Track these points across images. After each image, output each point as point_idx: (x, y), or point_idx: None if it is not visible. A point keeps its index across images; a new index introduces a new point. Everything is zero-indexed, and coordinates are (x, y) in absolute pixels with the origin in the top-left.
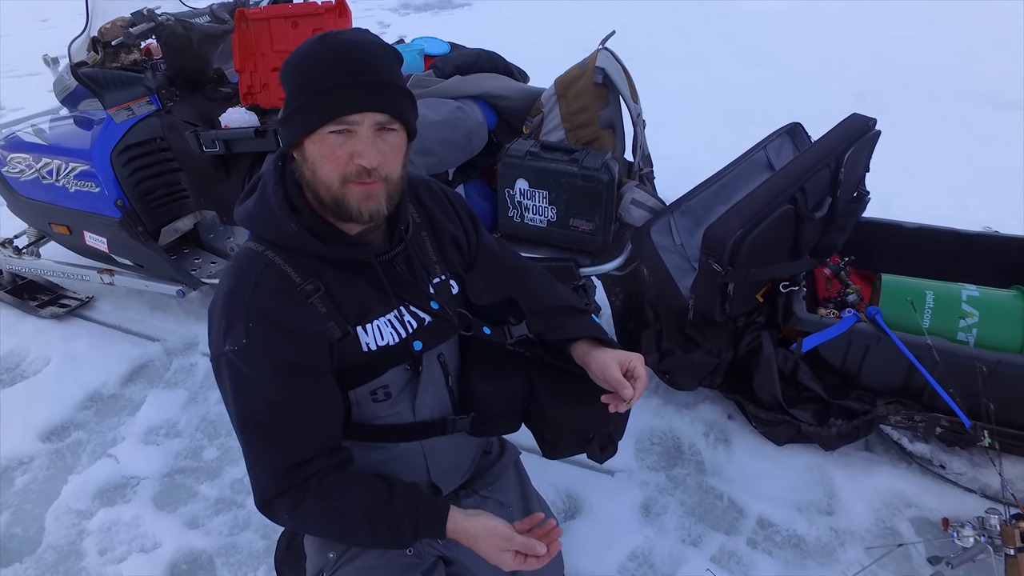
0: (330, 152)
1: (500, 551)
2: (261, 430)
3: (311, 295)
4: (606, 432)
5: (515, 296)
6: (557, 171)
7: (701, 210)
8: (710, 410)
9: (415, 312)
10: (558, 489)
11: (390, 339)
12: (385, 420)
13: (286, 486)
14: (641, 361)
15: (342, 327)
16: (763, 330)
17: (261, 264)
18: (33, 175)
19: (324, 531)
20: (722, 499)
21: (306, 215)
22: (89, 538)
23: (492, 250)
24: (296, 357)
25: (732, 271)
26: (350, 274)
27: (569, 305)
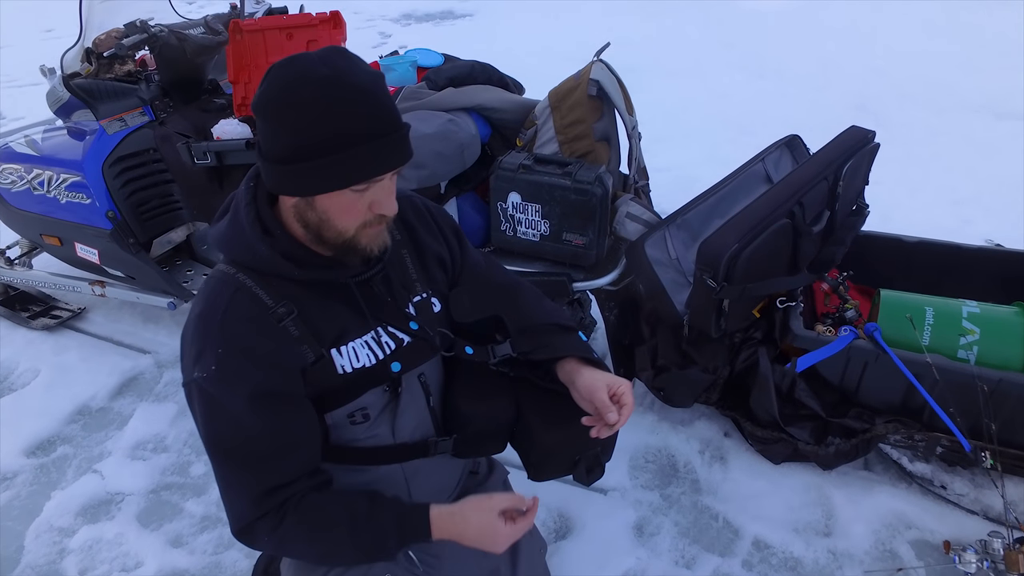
0: (350, 206)
1: (490, 522)
2: (236, 457)
3: (283, 319)
4: (593, 454)
5: (501, 313)
6: (550, 184)
7: (697, 223)
8: (706, 427)
9: (393, 333)
10: (549, 508)
11: (367, 361)
12: (364, 443)
13: (264, 510)
14: (629, 388)
15: (316, 350)
16: (760, 346)
17: (232, 287)
18: (24, 186)
19: (307, 550)
20: (717, 519)
21: (279, 237)
22: (70, 557)
23: (478, 266)
24: (268, 384)
25: (727, 287)
26: (325, 296)
27: (557, 323)
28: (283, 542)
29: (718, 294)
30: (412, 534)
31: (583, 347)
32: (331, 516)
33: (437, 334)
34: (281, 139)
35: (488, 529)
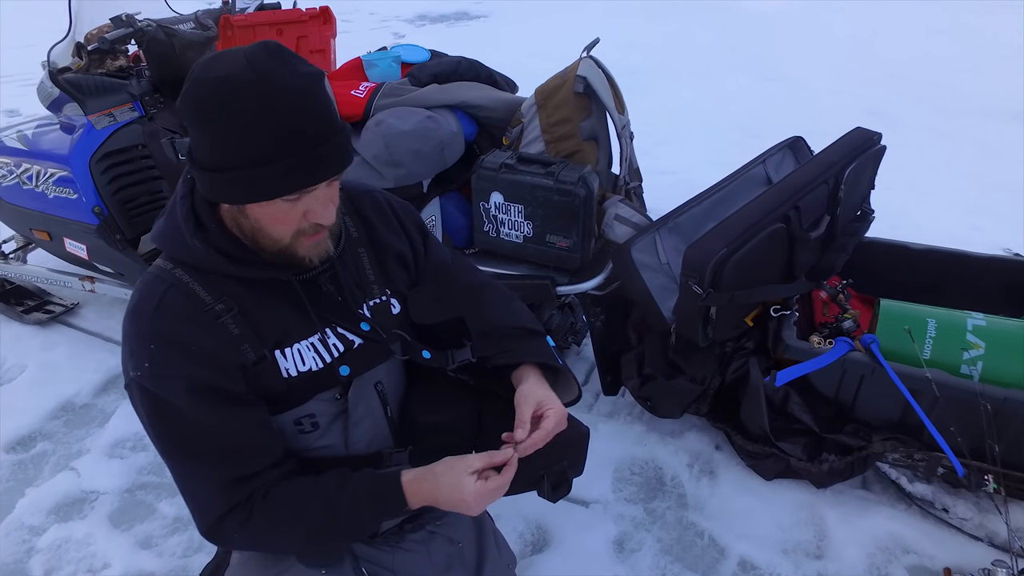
0: (282, 215)
1: (461, 482)
2: (190, 452)
3: (221, 315)
4: (559, 469)
5: (463, 315)
6: (532, 184)
7: (690, 227)
8: (696, 439)
9: (343, 335)
10: (527, 519)
11: (312, 364)
12: (316, 453)
13: (231, 502)
14: (559, 416)
15: (257, 350)
16: (752, 356)
17: (166, 283)
18: (14, 180)
19: (282, 538)
20: (702, 536)
21: (212, 232)
22: (37, 556)
23: (442, 265)
24: (207, 378)
25: (714, 294)
26: (267, 294)
27: (523, 326)
28: (257, 535)
29: (704, 301)
30: (386, 504)
31: (546, 353)
32: (302, 501)
33: (393, 336)
34: (205, 146)
35: (458, 489)
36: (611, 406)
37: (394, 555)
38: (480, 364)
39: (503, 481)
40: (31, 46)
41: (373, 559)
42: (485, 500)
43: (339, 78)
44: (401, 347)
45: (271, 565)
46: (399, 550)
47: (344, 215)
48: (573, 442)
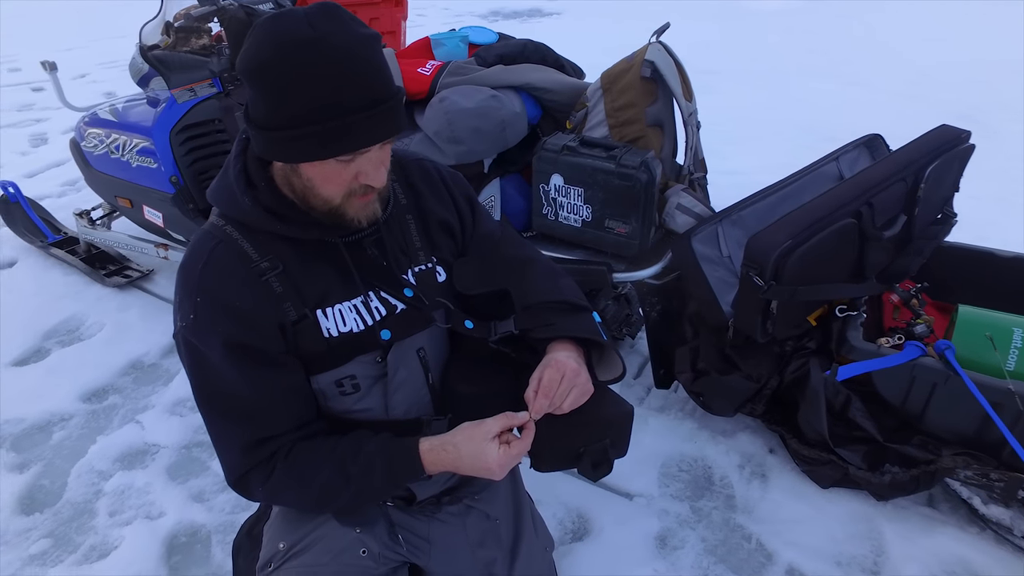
0: (334, 175)
1: (482, 449)
2: (220, 408)
3: (266, 273)
4: (600, 447)
5: (508, 287)
6: (593, 167)
7: (754, 221)
8: (749, 441)
9: (385, 299)
10: (568, 507)
11: (353, 326)
12: (355, 415)
13: (254, 461)
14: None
15: (299, 309)
16: (813, 357)
17: (216, 239)
18: (104, 150)
19: (300, 497)
20: (750, 540)
21: (262, 191)
22: (103, 499)
23: (490, 237)
24: (244, 336)
25: (775, 286)
26: (313, 255)
27: (567, 300)
28: (275, 492)
29: (765, 294)
30: (401, 471)
31: (589, 328)
32: (319, 461)
33: (436, 304)
34: (261, 104)
35: (482, 457)
36: (662, 400)
37: (430, 525)
38: (522, 337)
39: (524, 445)
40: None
41: (409, 526)
42: (509, 465)
43: (407, 56)
44: (444, 315)
45: (307, 521)
46: (435, 520)
47: (393, 182)
48: (616, 420)
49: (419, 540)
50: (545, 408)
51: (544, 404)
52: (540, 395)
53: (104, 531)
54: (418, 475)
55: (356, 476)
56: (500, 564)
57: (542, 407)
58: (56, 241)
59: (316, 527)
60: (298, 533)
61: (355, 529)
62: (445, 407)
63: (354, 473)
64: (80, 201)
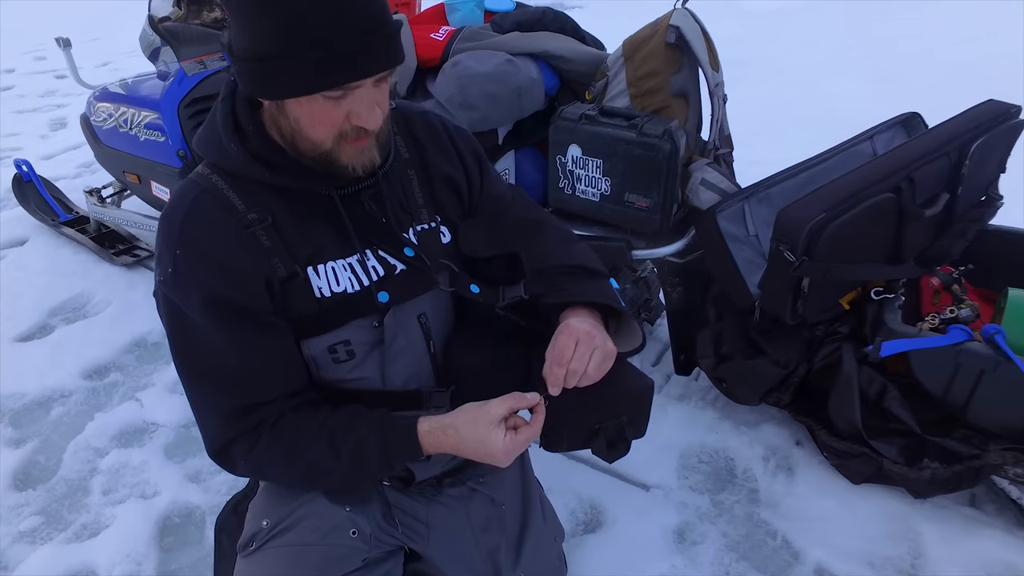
0: (323, 115)
1: (487, 436)
2: (200, 371)
3: (253, 225)
4: (616, 425)
5: (518, 251)
6: (613, 137)
7: (782, 200)
8: (775, 432)
9: (384, 258)
10: (581, 497)
11: (348, 286)
12: (351, 385)
13: (237, 431)
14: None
15: (288, 266)
16: (845, 343)
17: (199, 188)
18: (112, 124)
19: (285, 472)
20: (774, 537)
21: (251, 136)
22: (98, 477)
23: (499, 198)
24: (227, 293)
25: (808, 262)
26: (305, 208)
27: (582, 265)
28: (259, 466)
29: (796, 270)
30: (396, 452)
31: (605, 294)
32: (307, 436)
33: (439, 266)
34: (244, 33)
35: (487, 444)
36: (683, 389)
37: (429, 507)
38: (533, 304)
39: (534, 431)
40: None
41: (406, 508)
42: (516, 453)
43: (419, 22)
44: (448, 278)
45: (294, 497)
46: (435, 503)
47: (395, 134)
48: (634, 395)
49: (417, 524)
50: (562, 378)
51: (560, 373)
52: (553, 363)
53: (97, 509)
54: (415, 457)
55: (347, 454)
56: (505, 552)
57: (558, 377)
58: (67, 220)
59: (303, 504)
60: (283, 510)
61: (345, 507)
62: (448, 379)
63: (345, 451)
64: (94, 182)
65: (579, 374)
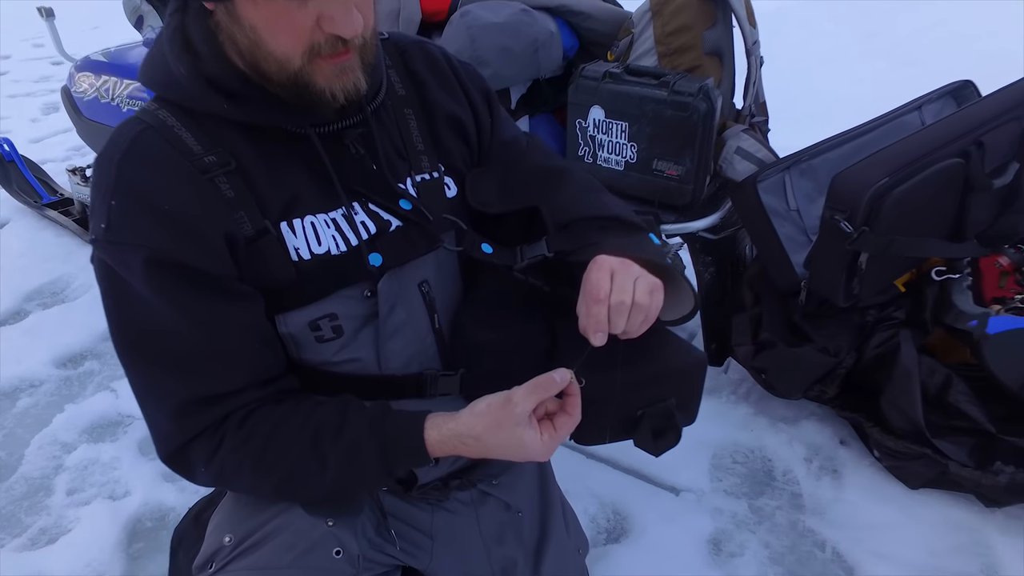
0: (286, 20)
1: (517, 440)
2: (148, 355)
3: (211, 170)
4: (663, 410)
5: (538, 203)
6: (641, 96)
7: (826, 173)
8: (816, 430)
9: (375, 213)
10: (602, 501)
11: (331, 246)
12: (338, 369)
13: (196, 428)
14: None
15: (257, 222)
16: (902, 328)
17: (142, 124)
18: (93, 94)
19: (256, 482)
20: (823, 548)
21: (204, 58)
22: (63, 474)
23: (514, 143)
24: (177, 252)
25: (868, 234)
26: (277, 150)
27: (616, 216)
28: (223, 473)
29: (853, 243)
30: (400, 463)
31: (647, 248)
32: (285, 437)
33: (443, 222)
34: None
35: (519, 449)
36: (712, 381)
37: (433, 515)
38: (558, 266)
39: (574, 420)
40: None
41: (406, 516)
42: (552, 451)
43: None
44: (455, 236)
45: (263, 508)
46: (441, 509)
47: (388, 68)
48: (684, 372)
49: (418, 535)
50: (604, 318)
51: (600, 312)
52: (589, 301)
53: (58, 512)
54: (421, 465)
55: (336, 462)
56: (521, 567)
57: (599, 317)
58: (51, 202)
59: (274, 515)
60: (250, 523)
61: (327, 520)
62: (456, 360)
63: (334, 458)
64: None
65: (626, 309)
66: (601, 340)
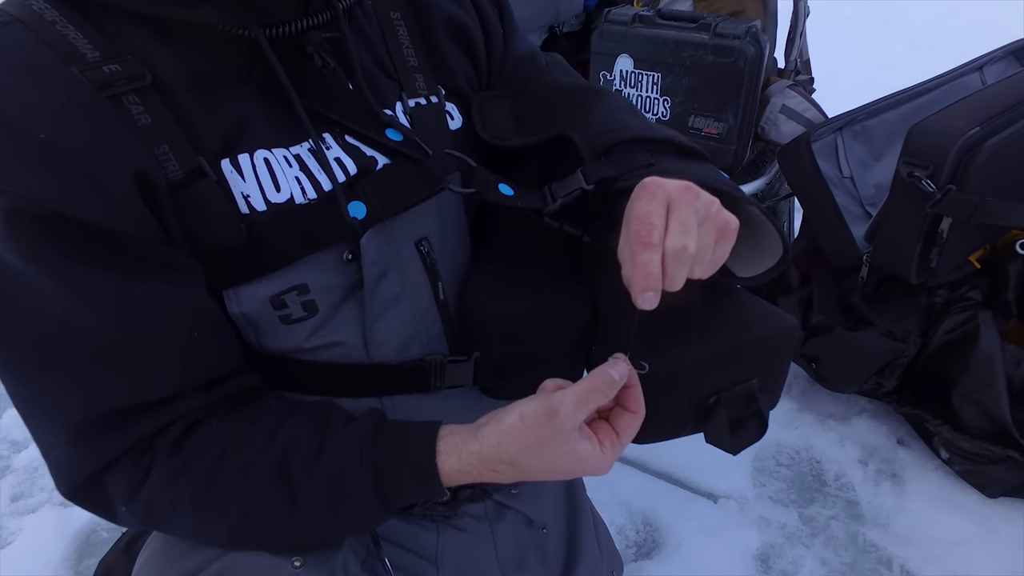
0: None
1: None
2: (27, 350)
3: (115, 83)
4: (743, 393)
5: (568, 132)
6: (677, 41)
7: (882, 137)
8: (869, 428)
9: (354, 147)
10: (631, 510)
11: (295, 192)
12: (312, 358)
13: (108, 454)
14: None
15: (186, 159)
16: (980, 311)
17: (5, 16)
18: None
19: (201, 525)
20: (890, 566)
21: None
22: (8, 477)
23: (531, 61)
24: (61, 202)
25: (955, 193)
26: (210, 62)
27: (670, 139)
28: (153, 514)
29: (936, 204)
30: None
31: (711, 175)
32: (240, 462)
33: (446, 159)
34: None
35: (572, 467)
36: None
37: (439, 536)
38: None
39: (639, 419)
40: None
41: (404, 540)
42: (614, 461)
43: None
44: (461, 176)
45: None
46: (448, 528)
47: None
48: (771, 343)
49: (421, 563)
50: (656, 272)
51: (651, 263)
52: (636, 244)
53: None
54: (431, 500)
55: (311, 498)
56: None
57: (649, 271)
58: None
59: (221, 552)
60: (187, 562)
61: (293, 560)
62: (468, 341)
63: (308, 492)
64: None
65: (688, 257)
66: (651, 302)
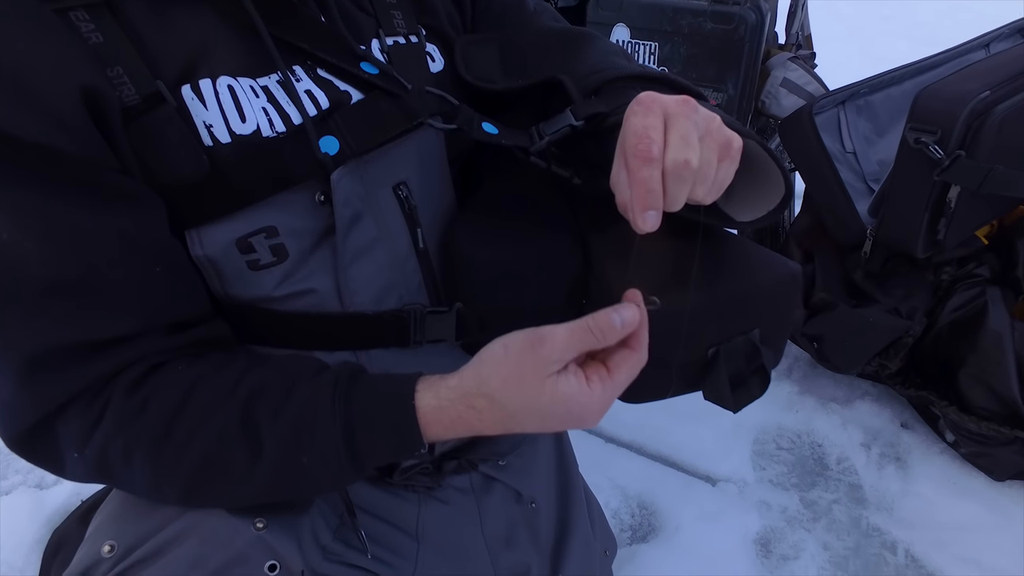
0: None
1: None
2: None
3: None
4: (743, 346)
5: (556, 74)
6: (675, 8)
7: (886, 112)
8: (872, 411)
9: (326, 80)
10: (626, 493)
11: (262, 124)
12: (281, 307)
13: (60, 396)
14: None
15: (142, 83)
16: (988, 288)
17: None
18: None
19: (157, 474)
20: (895, 551)
21: None
22: None
23: (519, 4)
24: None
25: (964, 160)
26: None
27: (663, 78)
28: (105, 461)
29: (945, 171)
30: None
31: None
32: (200, 407)
33: (425, 96)
34: None
35: (556, 409)
36: None
37: (421, 508)
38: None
39: (640, 358)
40: None
41: (382, 511)
42: (609, 405)
43: None
44: (443, 113)
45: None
46: (430, 500)
47: None
48: (773, 291)
49: (400, 537)
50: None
51: (651, 179)
52: (633, 160)
53: None
54: (411, 453)
55: (275, 445)
56: (536, 573)
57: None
58: None
59: (177, 514)
60: (143, 524)
61: (256, 521)
62: (450, 291)
63: (272, 438)
64: None
65: (690, 172)
66: (653, 222)
